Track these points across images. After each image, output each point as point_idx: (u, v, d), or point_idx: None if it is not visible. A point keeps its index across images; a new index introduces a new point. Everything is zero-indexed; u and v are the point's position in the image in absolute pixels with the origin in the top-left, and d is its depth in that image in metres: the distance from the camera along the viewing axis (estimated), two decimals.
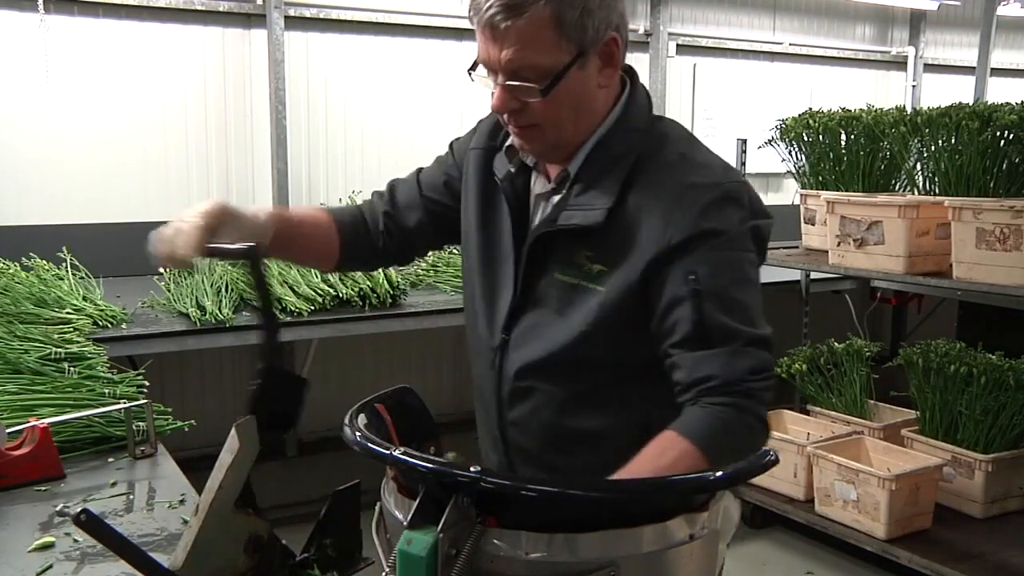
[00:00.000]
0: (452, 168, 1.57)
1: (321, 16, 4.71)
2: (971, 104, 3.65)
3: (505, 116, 1.34)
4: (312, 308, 3.45)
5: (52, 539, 1.50)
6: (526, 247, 1.39)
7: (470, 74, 1.37)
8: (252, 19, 4.56)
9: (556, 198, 1.39)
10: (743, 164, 4.68)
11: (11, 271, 3.37)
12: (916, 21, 6.77)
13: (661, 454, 1.18)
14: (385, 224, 1.60)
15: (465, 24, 5.46)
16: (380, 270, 3.65)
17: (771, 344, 1.28)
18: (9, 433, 1.77)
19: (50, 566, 1.41)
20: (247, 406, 1.21)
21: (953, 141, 3.60)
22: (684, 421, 1.23)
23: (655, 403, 1.31)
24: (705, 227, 1.27)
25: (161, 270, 3.65)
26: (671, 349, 1.27)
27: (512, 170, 1.43)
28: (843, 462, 3.52)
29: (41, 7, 3.95)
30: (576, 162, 1.36)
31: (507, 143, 1.44)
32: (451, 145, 1.61)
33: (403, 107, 4.97)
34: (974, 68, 6.30)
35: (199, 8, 4.41)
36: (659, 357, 1.30)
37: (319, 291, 3.50)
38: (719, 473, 0.89)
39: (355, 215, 1.63)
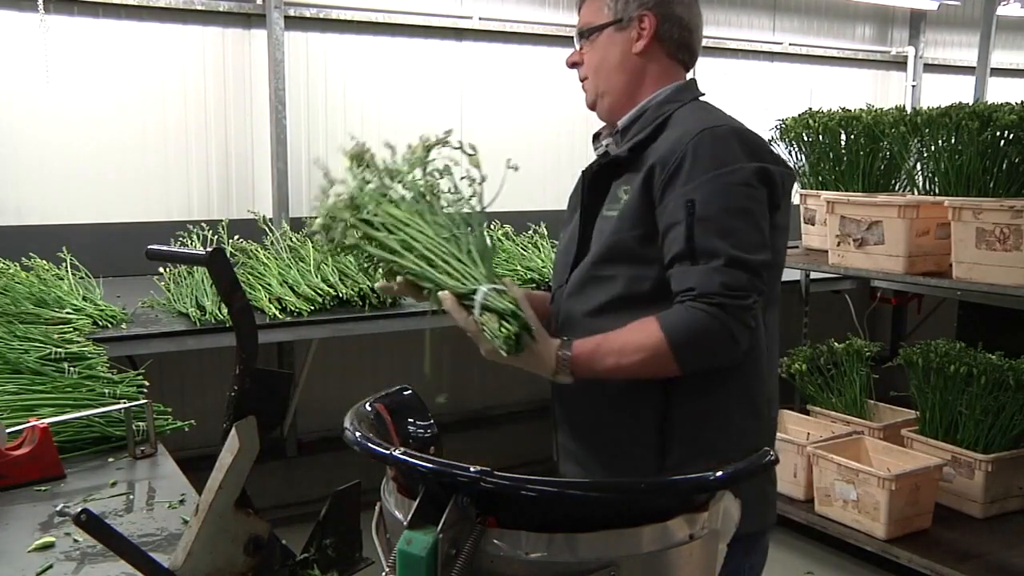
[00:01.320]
0: None
1: (321, 16, 4.71)
2: (971, 104, 3.65)
3: (578, 76, 1.71)
4: (312, 308, 3.45)
5: (52, 539, 1.50)
6: (585, 193, 1.66)
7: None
8: (252, 19, 4.57)
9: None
10: None
11: (11, 271, 3.37)
12: (916, 21, 6.77)
13: (631, 328, 1.45)
14: None
15: (465, 24, 5.44)
16: None
17: (755, 270, 1.44)
18: (9, 433, 1.77)
19: (50, 566, 1.41)
20: (229, 411, 1.21)
21: (953, 141, 3.60)
22: (665, 311, 1.46)
23: None
24: (702, 154, 1.47)
25: (161, 269, 3.65)
26: (669, 264, 1.48)
27: (598, 155, 1.70)
28: (843, 462, 3.53)
29: (41, 7, 3.95)
30: (624, 120, 1.65)
31: (593, 133, 1.75)
32: None
33: (403, 107, 4.97)
34: (974, 68, 6.31)
35: (199, 8, 4.41)
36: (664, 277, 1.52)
37: (319, 291, 3.50)
38: (719, 473, 0.89)
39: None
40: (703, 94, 1.68)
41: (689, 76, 1.71)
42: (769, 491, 1.66)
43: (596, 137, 1.75)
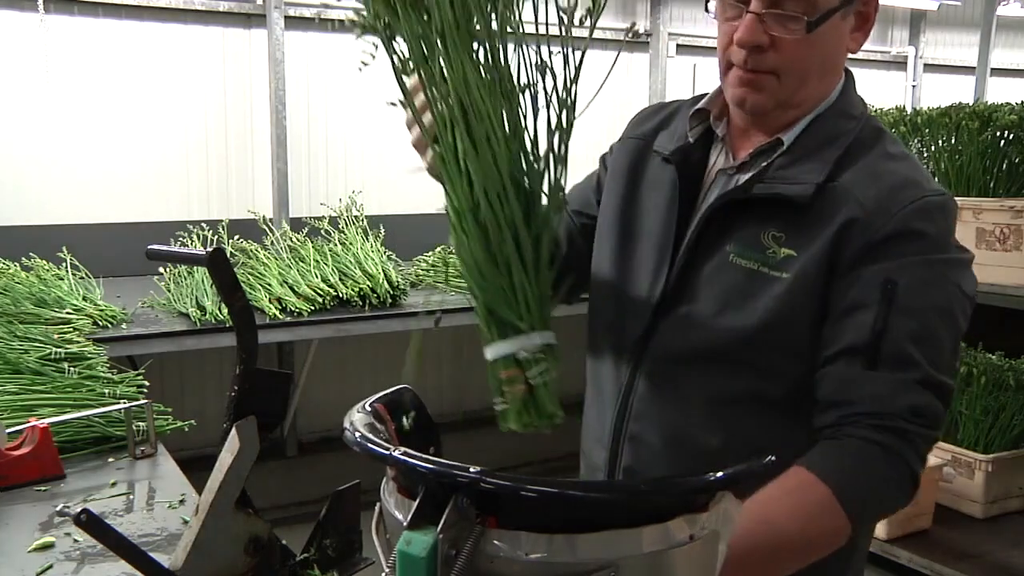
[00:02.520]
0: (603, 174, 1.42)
1: (321, 16, 4.71)
2: (971, 104, 3.65)
3: (739, 57, 1.16)
4: (312, 308, 3.45)
5: (52, 539, 1.50)
6: (698, 221, 1.21)
7: (707, 7, 1.23)
8: (252, 19, 4.57)
9: (748, 173, 1.22)
10: None
11: (11, 271, 3.38)
12: (916, 21, 6.77)
13: (793, 498, 1.02)
14: None
15: None
16: (380, 270, 3.66)
17: (949, 399, 1.09)
18: (9, 433, 1.77)
19: (50, 566, 1.41)
20: (229, 411, 1.21)
21: (953, 141, 3.60)
22: (819, 457, 1.04)
23: (799, 437, 1.12)
24: (920, 228, 1.09)
25: (161, 270, 3.65)
26: (828, 358, 1.09)
27: (691, 140, 1.28)
28: None
29: (41, 7, 3.95)
30: (791, 133, 1.20)
31: (696, 106, 1.29)
32: (602, 158, 1.45)
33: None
34: (974, 68, 6.31)
35: (199, 8, 4.41)
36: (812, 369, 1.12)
37: (319, 291, 3.50)
38: (719, 474, 0.89)
39: None
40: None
41: None
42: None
43: (696, 114, 1.28)
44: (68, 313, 2.99)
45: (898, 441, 1.04)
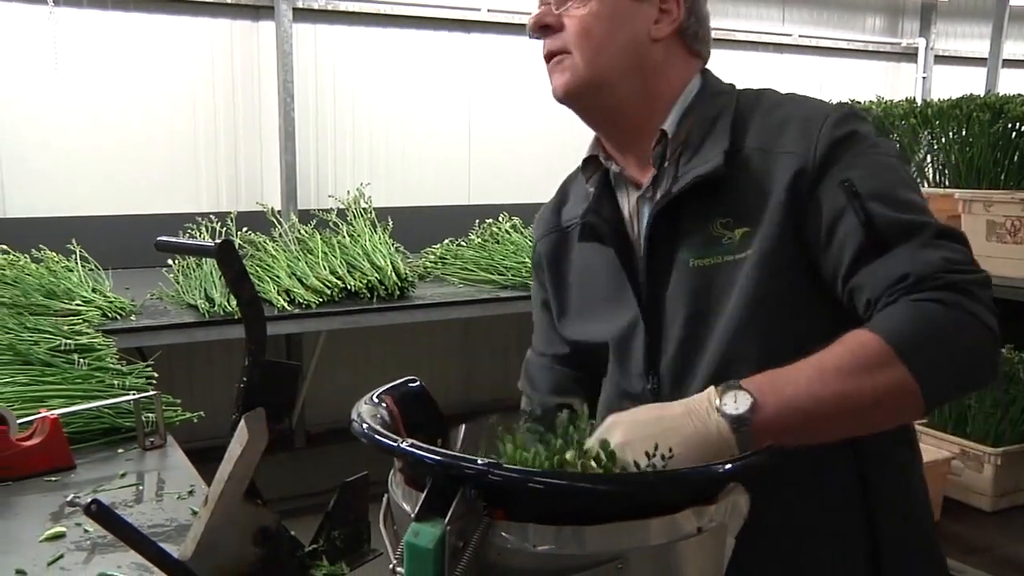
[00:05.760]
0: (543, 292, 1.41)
1: (329, 8, 4.71)
2: (982, 96, 3.63)
3: (544, 50, 1.25)
4: (320, 300, 3.46)
5: (63, 529, 1.51)
6: (644, 247, 1.21)
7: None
8: (260, 11, 4.57)
9: (664, 185, 1.23)
10: None
11: (21, 263, 3.39)
12: (927, 12, 6.73)
13: (850, 356, 0.97)
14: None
15: (473, 16, 5.42)
16: (388, 262, 3.66)
17: (965, 241, 1.06)
18: (20, 424, 1.78)
19: (61, 556, 1.42)
20: (238, 403, 1.21)
21: (964, 133, 3.58)
22: (875, 318, 1.01)
23: None
24: (843, 132, 1.11)
25: (170, 261, 3.66)
26: (848, 275, 1.06)
27: (591, 190, 1.29)
28: None
29: None
30: (669, 122, 1.21)
31: (585, 156, 1.32)
32: (536, 269, 1.46)
33: (411, 99, 4.96)
34: (985, 59, 6.27)
35: (208, 0, 4.41)
36: (840, 304, 1.09)
37: (327, 283, 3.50)
38: (727, 466, 0.89)
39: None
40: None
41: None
42: None
43: (589, 163, 1.31)
44: (78, 305, 3.00)
45: (953, 294, 0.99)
